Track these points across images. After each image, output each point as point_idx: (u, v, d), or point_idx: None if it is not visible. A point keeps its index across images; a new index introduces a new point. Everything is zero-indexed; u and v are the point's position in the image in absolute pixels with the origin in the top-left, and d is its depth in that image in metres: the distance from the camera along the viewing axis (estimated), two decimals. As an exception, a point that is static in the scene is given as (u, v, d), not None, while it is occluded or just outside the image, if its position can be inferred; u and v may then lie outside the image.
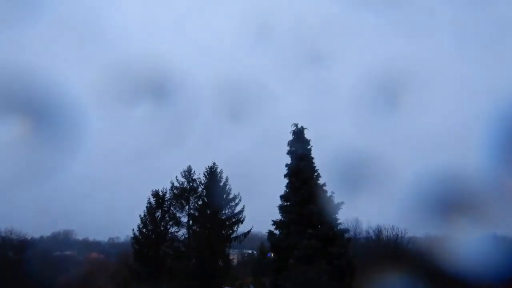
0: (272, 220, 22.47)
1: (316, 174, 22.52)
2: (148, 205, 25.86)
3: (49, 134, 23.48)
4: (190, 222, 26.08)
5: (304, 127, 23.12)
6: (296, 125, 23.17)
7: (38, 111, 23.00)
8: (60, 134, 23.65)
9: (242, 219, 25.94)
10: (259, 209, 26.90)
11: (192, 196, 26.29)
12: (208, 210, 26.03)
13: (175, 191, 26.30)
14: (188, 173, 26.65)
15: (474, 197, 18.30)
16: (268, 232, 22.83)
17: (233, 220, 25.94)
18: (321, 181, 22.53)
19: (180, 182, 26.40)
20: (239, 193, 26.26)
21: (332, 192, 21.94)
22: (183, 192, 26.18)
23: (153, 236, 25.37)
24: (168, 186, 26.33)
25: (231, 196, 26.24)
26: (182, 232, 26.14)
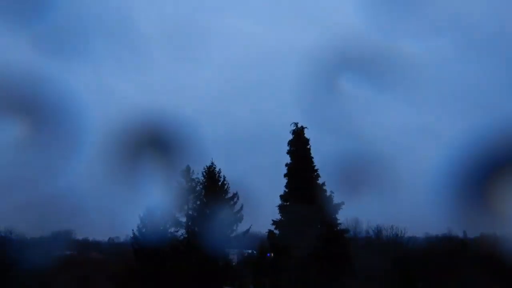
0: (272, 220, 22.49)
1: (315, 173, 22.52)
2: (148, 205, 25.87)
3: (49, 134, 23.47)
4: (189, 222, 26.08)
5: (304, 126, 23.11)
6: (295, 124, 23.16)
7: (38, 111, 22.98)
8: (61, 134, 23.63)
9: (241, 218, 25.91)
10: (259, 208, 26.85)
11: (190, 196, 26.28)
12: (207, 210, 26.00)
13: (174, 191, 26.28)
14: (186, 173, 26.60)
15: (476, 193, 18.20)
16: (268, 232, 22.84)
17: (232, 219, 25.91)
18: (320, 180, 22.54)
19: (179, 182, 26.39)
20: (237, 192, 26.24)
21: (332, 192, 21.95)
22: (182, 192, 26.16)
23: (152, 236, 25.36)
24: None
25: (229, 195, 26.25)
26: (181, 232, 26.18)
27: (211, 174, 26.68)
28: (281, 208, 22.38)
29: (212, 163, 26.99)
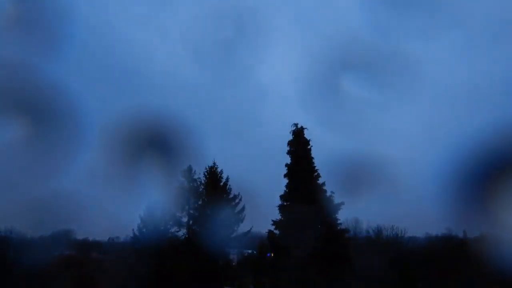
0: (272, 220, 22.53)
1: (315, 174, 22.60)
2: (148, 204, 25.88)
3: (50, 134, 23.47)
4: (190, 222, 26.10)
5: (304, 126, 23.24)
6: (295, 125, 23.29)
7: (38, 111, 23.00)
8: (62, 133, 23.65)
9: (242, 218, 25.94)
10: (259, 208, 26.92)
11: (192, 196, 26.29)
12: (208, 210, 26.03)
13: (175, 191, 26.29)
14: (188, 173, 26.61)
15: (476, 193, 18.22)
16: (268, 232, 22.88)
17: (233, 219, 25.94)
18: (320, 180, 22.61)
19: (180, 182, 26.40)
20: (239, 193, 26.28)
21: (332, 192, 22.04)
22: (183, 192, 26.18)
23: (153, 236, 25.37)
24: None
25: (231, 196, 26.26)
26: (182, 232, 26.20)
27: (213, 174, 26.69)
28: (281, 208, 22.45)
29: (214, 163, 27.07)
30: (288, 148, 22.99)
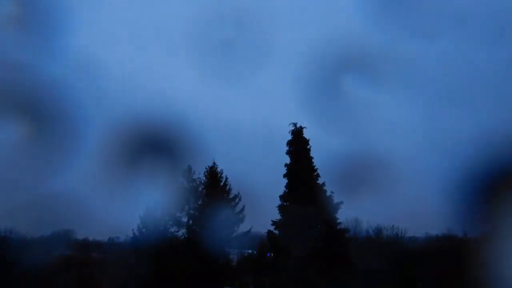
0: (272, 220, 22.52)
1: (315, 173, 22.57)
2: (148, 205, 25.87)
3: (50, 133, 23.50)
4: (190, 222, 26.10)
5: (303, 126, 23.19)
6: (294, 124, 23.25)
7: (38, 110, 23.02)
8: (61, 133, 23.68)
9: (242, 218, 25.94)
10: (259, 208, 26.90)
11: (192, 196, 26.30)
12: (208, 210, 26.04)
13: (175, 191, 26.29)
14: (188, 173, 26.62)
15: (477, 193, 18.21)
16: (268, 232, 22.88)
17: (233, 219, 25.94)
18: (320, 180, 22.59)
19: (180, 182, 26.40)
20: (239, 192, 26.29)
21: (332, 192, 22.00)
22: (183, 192, 26.18)
23: (152, 236, 25.37)
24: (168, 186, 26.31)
25: (231, 195, 26.26)
26: (182, 232, 26.20)
27: (213, 174, 26.69)
28: (280, 208, 22.43)
29: (214, 163, 27.06)
30: (287, 148, 22.95)
